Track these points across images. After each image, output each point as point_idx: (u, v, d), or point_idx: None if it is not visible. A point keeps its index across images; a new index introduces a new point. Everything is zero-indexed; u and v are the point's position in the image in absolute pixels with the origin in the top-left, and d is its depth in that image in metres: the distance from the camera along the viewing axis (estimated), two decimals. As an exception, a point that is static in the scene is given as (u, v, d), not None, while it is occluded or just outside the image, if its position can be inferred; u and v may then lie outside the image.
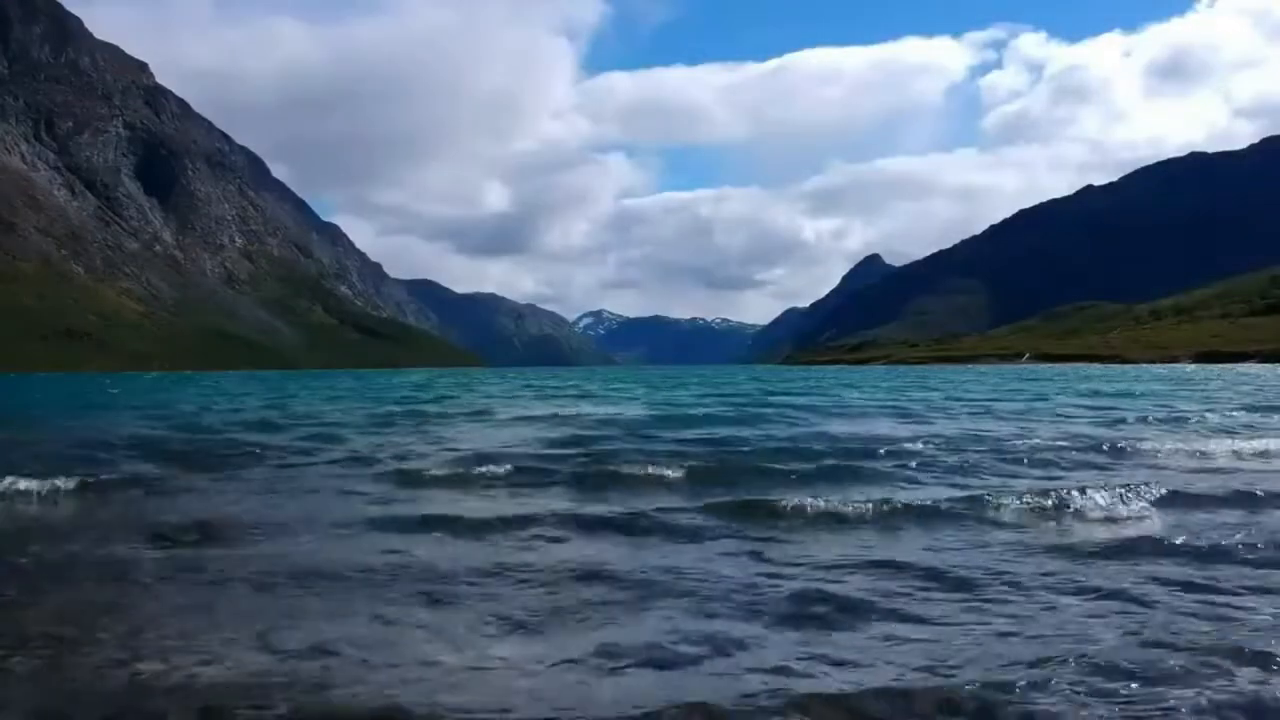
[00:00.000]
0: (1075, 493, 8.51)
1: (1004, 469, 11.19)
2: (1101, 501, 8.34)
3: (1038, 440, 14.27)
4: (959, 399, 30.18)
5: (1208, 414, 20.07)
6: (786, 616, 5.07)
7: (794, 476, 10.49)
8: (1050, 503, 8.28)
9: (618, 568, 6.15)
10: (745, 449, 13.55)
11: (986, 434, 15.54)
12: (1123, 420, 18.85)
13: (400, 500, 9.28)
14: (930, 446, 13.33)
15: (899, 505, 8.20)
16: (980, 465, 11.39)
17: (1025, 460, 11.86)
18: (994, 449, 13.07)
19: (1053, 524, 7.75)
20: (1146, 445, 13.27)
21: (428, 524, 7.67)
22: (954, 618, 5.01)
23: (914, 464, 11.48)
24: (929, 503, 8.39)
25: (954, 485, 9.87)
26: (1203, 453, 12.64)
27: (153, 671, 4.28)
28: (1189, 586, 5.51)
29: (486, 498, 9.49)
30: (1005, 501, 8.31)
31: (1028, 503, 8.28)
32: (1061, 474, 10.77)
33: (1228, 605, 5.15)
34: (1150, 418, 19.27)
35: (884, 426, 17.98)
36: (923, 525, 7.64)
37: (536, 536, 7.29)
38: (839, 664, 4.33)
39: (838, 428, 17.69)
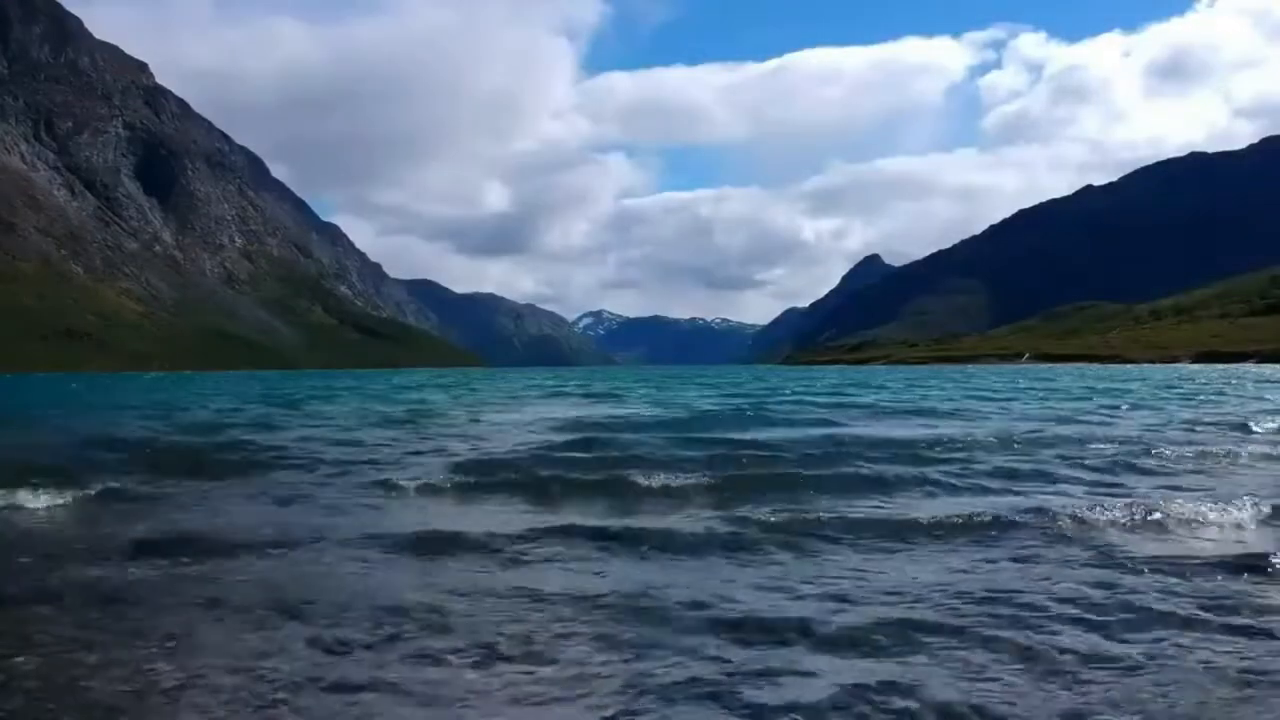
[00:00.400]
0: (1176, 502, 7.85)
1: (1060, 474, 10.56)
2: (1198, 512, 7.62)
3: (1090, 443, 13.58)
4: (982, 398, 29.82)
5: (1266, 416, 18.86)
6: (846, 646, 4.59)
7: (830, 483, 9.84)
8: (1129, 515, 7.51)
9: (647, 590, 5.70)
10: (767, 453, 12.84)
11: (1027, 436, 14.96)
12: (1180, 422, 17.99)
13: (402, 510, 8.93)
14: (973, 449, 12.85)
15: (958, 517, 7.57)
16: (1033, 470, 10.75)
17: (1080, 464, 11.15)
18: (1047, 451, 12.54)
19: (1143, 539, 7.00)
20: (1221, 448, 12.57)
21: (433, 540, 7.19)
22: (1044, 646, 4.51)
23: (959, 468, 10.81)
24: (994, 513, 7.69)
25: (1013, 493, 9.29)
26: None
27: (148, 692, 4.09)
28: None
29: (496, 510, 9.02)
30: (1080, 511, 7.61)
31: (1105, 513, 7.51)
32: (1130, 480, 10.09)
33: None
34: (1202, 420, 18.36)
35: (911, 428, 17.48)
36: (990, 538, 7.02)
37: (554, 553, 6.83)
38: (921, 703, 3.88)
39: (862, 429, 17.21)
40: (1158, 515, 7.58)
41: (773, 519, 7.69)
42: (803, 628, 4.85)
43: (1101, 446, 13.19)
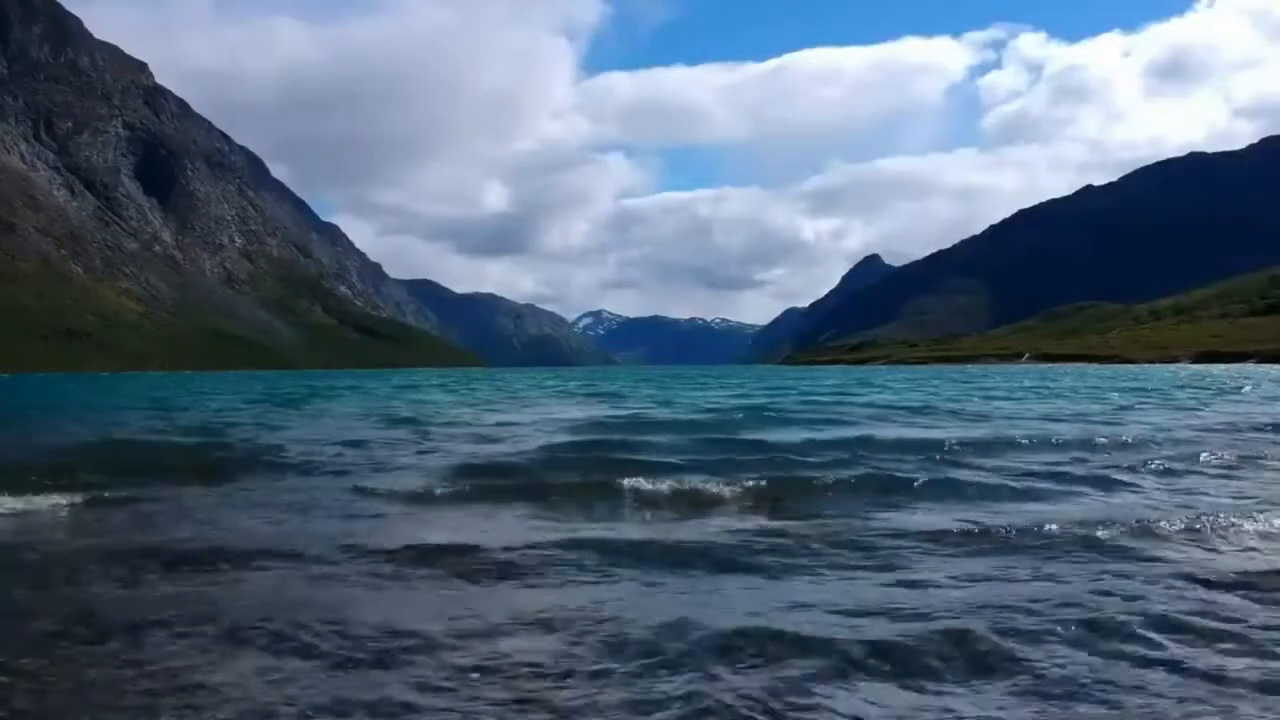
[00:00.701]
0: (1222, 514, 7.56)
1: (1093, 477, 10.28)
2: (1235, 521, 7.32)
3: (1120, 445, 13.30)
4: (989, 397, 29.68)
5: None
6: (874, 659, 4.35)
7: (856, 487, 9.45)
8: (1187, 524, 7.19)
9: (665, 606, 5.37)
10: (785, 455, 12.46)
11: (1047, 437, 14.72)
12: (1203, 422, 17.57)
13: (406, 517, 8.66)
14: (995, 450, 12.57)
15: (989, 525, 7.25)
16: (1065, 473, 10.48)
17: (1115, 466, 10.84)
18: (1075, 453, 12.36)
19: (1199, 550, 6.67)
20: (1260, 450, 12.27)
21: (438, 549, 6.88)
22: (1081, 663, 4.32)
23: (984, 473, 10.48)
24: (1029, 521, 7.32)
25: (1049, 497, 9.00)
26: None
27: (150, 699, 3.99)
28: None
29: (503, 518, 8.67)
30: (1124, 518, 7.31)
31: (1165, 523, 7.18)
32: (1174, 483, 9.84)
33: None
34: (1227, 421, 17.82)
35: (923, 429, 17.21)
36: (1026, 547, 6.68)
37: (565, 565, 6.47)
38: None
39: (876, 429, 16.92)
40: (1205, 523, 7.29)
41: (799, 527, 7.45)
42: (829, 642, 4.64)
43: (1133, 449, 12.95)
